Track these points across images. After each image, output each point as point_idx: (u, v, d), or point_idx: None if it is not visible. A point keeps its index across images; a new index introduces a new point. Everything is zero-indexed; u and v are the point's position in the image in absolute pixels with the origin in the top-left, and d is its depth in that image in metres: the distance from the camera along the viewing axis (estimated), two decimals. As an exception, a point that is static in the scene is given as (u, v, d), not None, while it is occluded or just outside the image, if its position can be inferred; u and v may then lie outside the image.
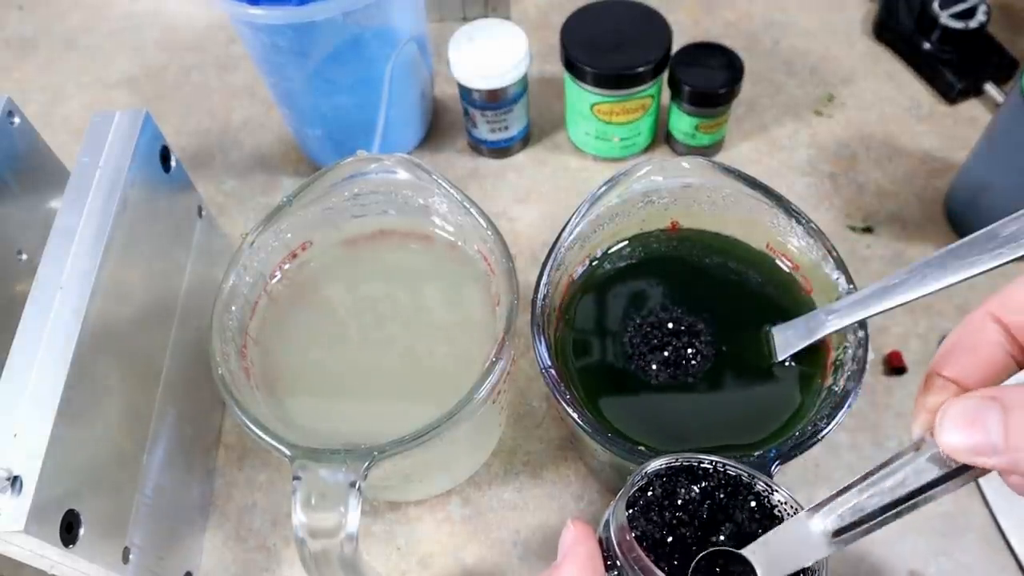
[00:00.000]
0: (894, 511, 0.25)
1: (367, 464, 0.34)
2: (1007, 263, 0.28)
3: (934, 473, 0.24)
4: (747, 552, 0.27)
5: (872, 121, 0.62)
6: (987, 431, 0.22)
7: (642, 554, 0.27)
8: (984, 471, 0.23)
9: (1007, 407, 0.22)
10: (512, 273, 0.39)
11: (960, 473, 0.23)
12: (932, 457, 0.24)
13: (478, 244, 0.42)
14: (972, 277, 0.29)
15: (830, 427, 0.34)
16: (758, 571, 0.27)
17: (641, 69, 0.54)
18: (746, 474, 0.29)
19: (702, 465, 0.30)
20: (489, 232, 0.40)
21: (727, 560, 0.28)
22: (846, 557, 0.44)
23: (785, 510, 0.29)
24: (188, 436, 0.46)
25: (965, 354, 0.26)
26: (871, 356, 0.36)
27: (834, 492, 0.26)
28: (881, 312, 0.34)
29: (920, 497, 0.24)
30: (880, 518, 0.25)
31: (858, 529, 0.25)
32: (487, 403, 0.37)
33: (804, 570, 0.27)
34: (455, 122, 0.64)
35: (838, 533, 0.26)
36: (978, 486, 0.45)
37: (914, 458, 0.24)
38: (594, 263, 0.44)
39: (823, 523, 0.26)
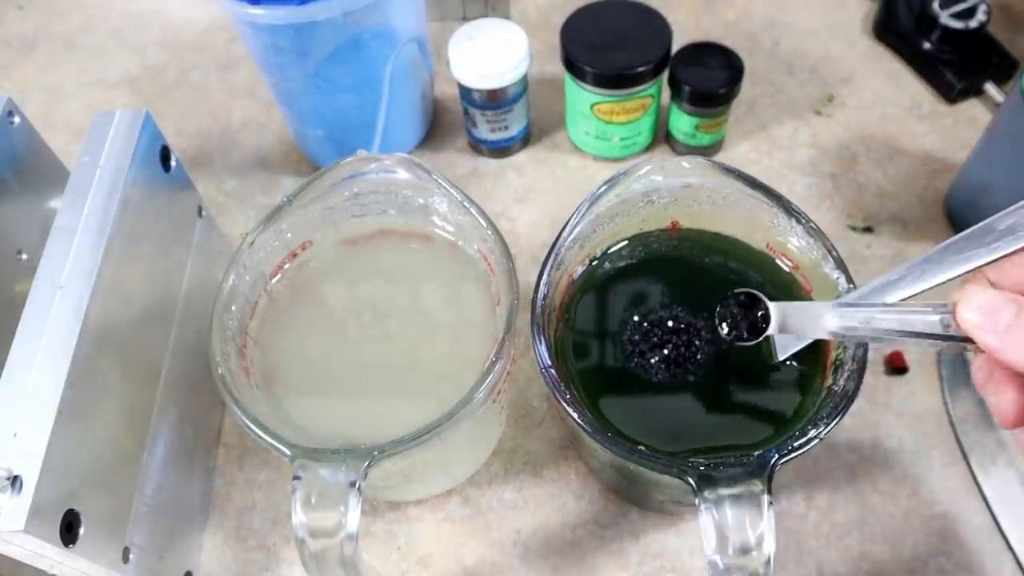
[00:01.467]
0: (888, 339, 0.31)
1: (367, 464, 0.34)
2: (1004, 256, 0.29)
3: (936, 330, 0.29)
4: (770, 305, 0.33)
5: (872, 121, 0.62)
6: (996, 319, 0.27)
7: None
8: (968, 346, 0.28)
9: (1022, 307, 0.27)
10: (512, 273, 0.39)
11: (955, 340, 0.29)
12: (943, 320, 0.29)
13: (478, 244, 0.42)
14: (970, 271, 0.30)
15: (830, 427, 0.34)
16: (772, 319, 0.33)
17: (641, 69, 0.54)
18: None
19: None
20: (489, 232, 0.40)
21: (749, 304, 0.34)
22: (846, 557, 0.44)
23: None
24: (188, 436, 0.46)
25: (1013, 269, 0.29)
26: (871, 356, 0.36)
27: (858, 301, 0.33)
28: None
29: (912, 339, 0.30)
30: (874, 338, 0.31)
31: (852, 335, 0.32)
32: (487, 403, 0.37)
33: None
34: (455, 122, 0.64)
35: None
36: (978, 486, 0.45)
37: (931, 313, 0.29)
38: (594, 263, 0.44)
39: (834, 319, 0.32)
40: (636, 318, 0.42)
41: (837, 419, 0.34)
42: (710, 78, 0.55)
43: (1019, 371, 0.27)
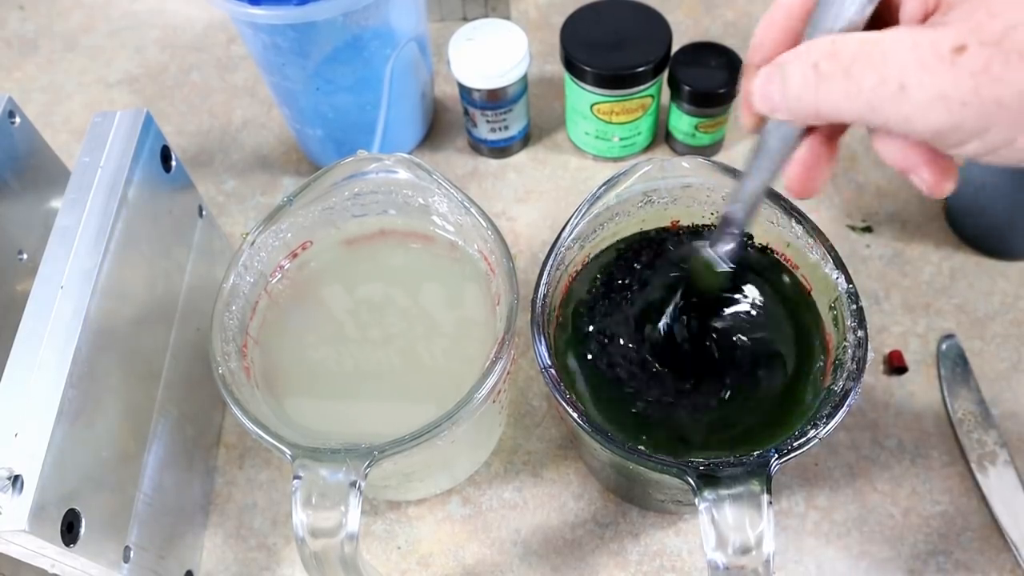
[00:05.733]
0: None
1: (367, 463, 0.34)
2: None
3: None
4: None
5: (872, 121, 0.62)
6: (771, 91, 0.27)
7: None
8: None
9: (781, 64, 0.27)
10: (512, 273, 0.39)
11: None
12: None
13: (478, 244, 0.42)
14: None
15: (830, 427, 0.34)
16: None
17: (641, 69, 0.54)
18: None
19: None
20: (489, 232, 0.40)
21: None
22: (845, 556, 0.44)
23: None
24: (189, 435, 0.46)
25: (768, 42, 0.30)
26: (871, 356, 0.36)
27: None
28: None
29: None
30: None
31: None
32: (487, 403, 0.37)
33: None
34: (455, 122, 0.64)
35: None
36: (977, 486, 0.45)
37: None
38: (594, 263, 0.44)
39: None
40: (636, 318, 0.42)
41: (837, 419, 0.34)
42: (710, 78, 0.55)
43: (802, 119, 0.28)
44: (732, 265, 0.37)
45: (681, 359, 0.40)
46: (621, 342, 0.41)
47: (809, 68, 0.26)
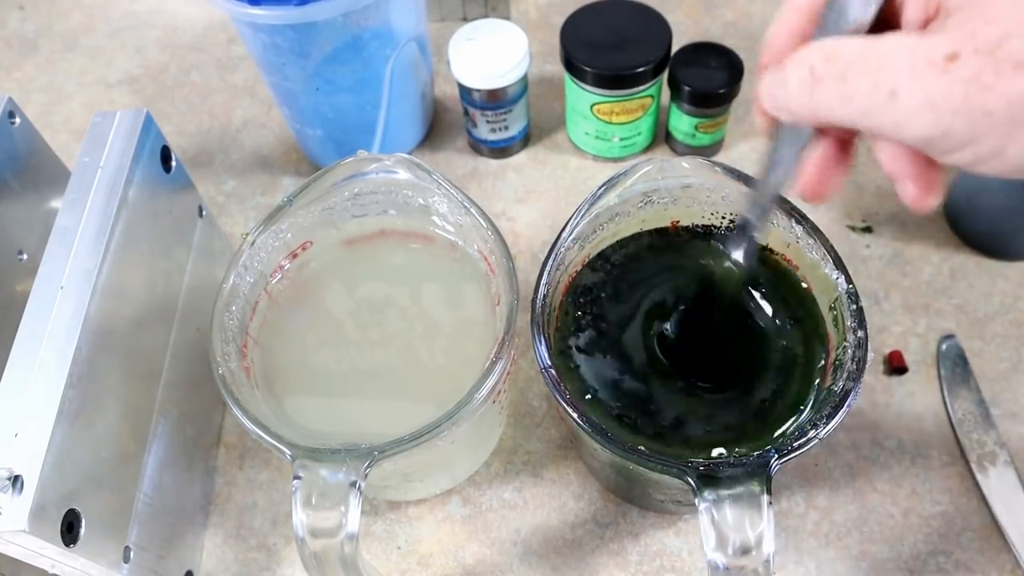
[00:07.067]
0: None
1: (367, 464, 0.34)
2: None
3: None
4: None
5: (872, 121, 0.62)
6: (775, 92, 0.28)
7: None
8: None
9: (784, 65, 0.27)
10: (512, 273, 0.39)
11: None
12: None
13: (478, 244, 0.42)
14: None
15: (830, 427, 0.34)
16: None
17: (641, 69, 0.54)
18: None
19: None
20: (489, 232, 0.40)
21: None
22: (845, 556, 0.44)
23: None
24: (188, 435, 0.46)
25: (778, 43, 0.30)
26: (871, 356, 0.36)
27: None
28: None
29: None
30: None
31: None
32: (487, 403, 0.37)
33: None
34: (455, 122, 0.64)
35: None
36: (977, 486, 0.45)
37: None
38: (594, 263, 0.44)
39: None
40: (636, 318, 0.42)
41: (837, 419, 0.34)
42: (710, 78, 0.55)
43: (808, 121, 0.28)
44: (751, 267, 0.37)
45: (681, 359, 0.40)
46: (621, 342, 0.41)
47: (806, 71, 0.26)
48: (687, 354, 0.40)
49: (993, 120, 0.22)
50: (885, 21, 0.27)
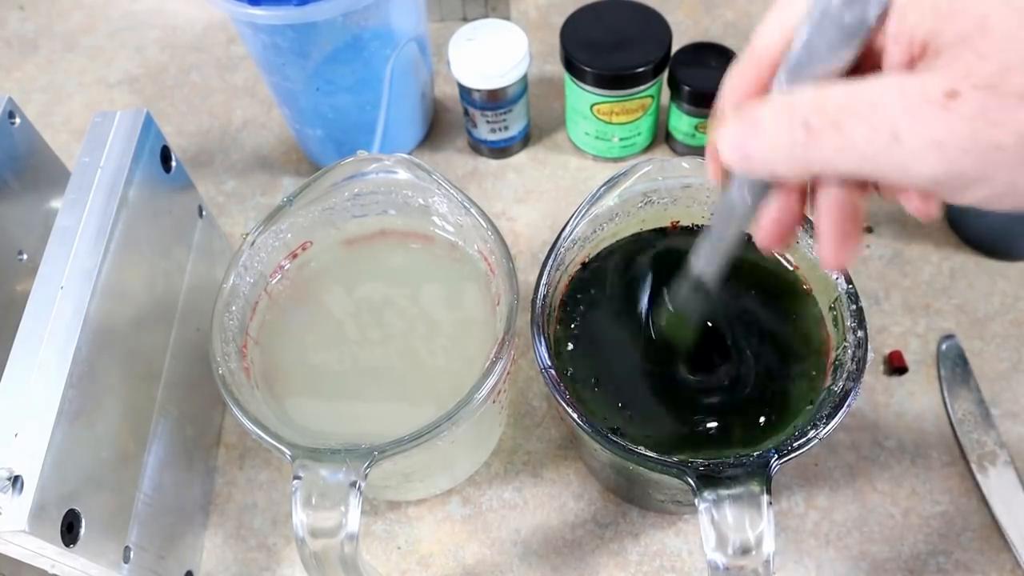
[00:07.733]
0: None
1: (367, 464, 0.34)
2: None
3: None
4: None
5: (872, 121, 0.62)
6: (749, 146, 0.26)
7: None
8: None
9: (757, 119, 0.25)
10: (512, 273, 0.39)
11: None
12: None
13: (478, 244, 0.42)
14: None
15: (830, 427, 0.34)
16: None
17: (641, 69, 0.54)
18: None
19: None
20: (489, 232, 0.40)
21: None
22: (845, 556, 0.44)
23: None
24: (188, 435, 0.46)
25: (739, 93, 0.29)
26: (871, 356, 0.36)
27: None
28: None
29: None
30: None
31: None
32: (487, 403, 0.37)
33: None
34: (455, 122, 0.64)
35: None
36: (977, 486, 0.45)
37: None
38: (594, 263, 0.44)
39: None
40: (636, 318, 0.42)
41: (837, 419, 0.34)
42: (710, 78, 0.55)
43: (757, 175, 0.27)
44: (705, 321, 0.37)
45: (681, 359, 0.40)
46: (621, 342, 0.41)
47: (798, 125, 0.24)
48: (687, 354, 0.40)
49: (1004, 155, 0.22)
50: (860, 67, 0.25)
